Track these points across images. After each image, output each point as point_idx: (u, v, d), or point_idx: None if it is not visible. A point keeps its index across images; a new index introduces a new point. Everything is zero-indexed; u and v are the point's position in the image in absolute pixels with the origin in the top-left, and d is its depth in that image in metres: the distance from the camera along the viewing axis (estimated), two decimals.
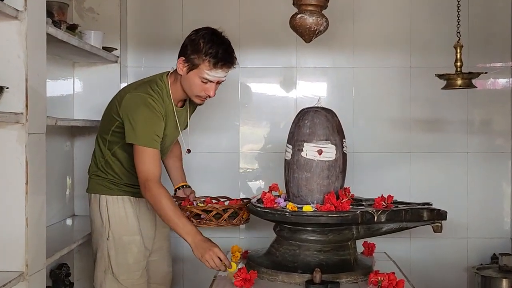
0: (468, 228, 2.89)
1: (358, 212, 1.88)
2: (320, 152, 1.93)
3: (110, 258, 2.09)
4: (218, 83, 2.05)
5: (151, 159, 1.96)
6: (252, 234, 2.89)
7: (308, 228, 1.92)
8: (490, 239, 2.88)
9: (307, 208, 1.89)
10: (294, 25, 2.06)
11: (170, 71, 2.13)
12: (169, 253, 2.34)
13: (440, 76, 2.33)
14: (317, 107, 2.01)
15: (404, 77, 2.90)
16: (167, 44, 2.90)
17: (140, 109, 1.98)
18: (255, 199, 2.09)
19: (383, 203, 1.97)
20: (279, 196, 2.06)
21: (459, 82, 2.27)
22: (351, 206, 1.93)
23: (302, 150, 1.95)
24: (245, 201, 2.26)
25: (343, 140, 2.00)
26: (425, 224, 2.00)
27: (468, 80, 2.28)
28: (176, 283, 2.90)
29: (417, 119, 2.91)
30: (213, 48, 1.98)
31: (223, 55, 1.99)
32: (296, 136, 1.98)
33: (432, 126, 2.92)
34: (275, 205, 1.96)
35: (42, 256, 1.84)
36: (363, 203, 2.04)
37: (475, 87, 2.39)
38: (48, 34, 1.92)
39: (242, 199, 2.31)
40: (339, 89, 2.95)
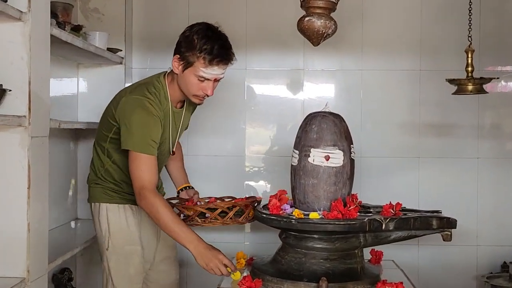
0: (478, 236, 2.84)
1: (365, 220, 1.84)
2: (327, 158, 1.89)
3: (110, 269, 2.03)
4: (216, 81, 1.96)
5: (147, 166, 1.87)
6: (258, 239, 2.86)
7: (314, 236, 1.88)
8: (501, 247, 2.83)
9: (313, 215, 1.86)
10: (302, 28, 2.01)
11: (167, 71, 2.05)
12: (176, 261, 2.28)
13: (451, 81, 2.28)
14: (325, 112, 1.96)
15: (413, 81, 2.86)
16: (172, 45, 2.81)
17: (136, 113, 1.89)
18: (261, 206, 2.05)
19: (391, 211, 1.93)
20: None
21: (470, 87, 2.23)
22: (358, 214, 1.89)
23: (309, 156, 1.91)
24: (250, 199, 2.21)
25: (351, 145, 1.96)
26: (434, 233, 1.97)
27: (479, 85, 2.24)
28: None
29: (427, 123, 2.86)
30: (208, 43, 1.89)
31: (219, 51, 1.90)
32: (303, 141, 1.94)
33: (442, 130, 2.87)
34: (281, 211, 1.92)
35: (44, 262, 1.81)
36: (371, 210, 1.99)
37: (486, 92, 2.34)
38: (52, 36, 1.90)
39: (247, 197, 2.27)
40: (347, 92, 2.91)
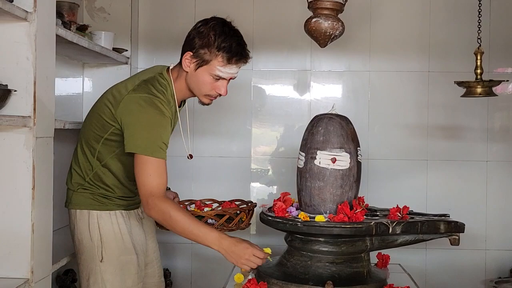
0: (486, 240, 2.81)
1: (372, 224, 1.82)
2: (333, 160, 1.87)
3: (105, 283, 1.84)
4: (229, 79, 1.86)
5: (156, 170, 1.72)
6: (263, 242, 2.83)
7: (320, 239, 1.86)
8: (510, 251, 2.79)
9: (319, 218, 1.84)
10: (309, 29, 1.99)
11: (170, 67, 1.91)
12: (160, 263, 2.12)
13: (460, 84, 2.25)
14: (331, 114, 1.94)
15: (422, 82, 2.83)
16: (178, 45, 2.81)
17: (146, 113, 1.74)
18: (266, 207, 2.03)
19: (398, 214, 1.90)
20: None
21: (479, 90, 2.20)
22: (365, 217, 1.87)
23: (315, 158, 1.89)
24: (240, 204, 2.14)
25: (358, 148, 1.94)
26: (442, 237, 1.94)
27: (489, 88, 2.21)
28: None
29: (435, 126, 2.83)
30: (227, 41, 1.77)
31: (237, 49, 1.79)
32: (309, 144, 1.92)
33: (450, 133, 2.84)
34: (287, 214, 1.90)
35: (48, 263, 1.81)
36: (378, 213, 1.97)
37: (496, 95, 2.31)
38: (57, 36, 1.89)
39: (234, 201, 2.17)
40: (355, 93, 2.88)
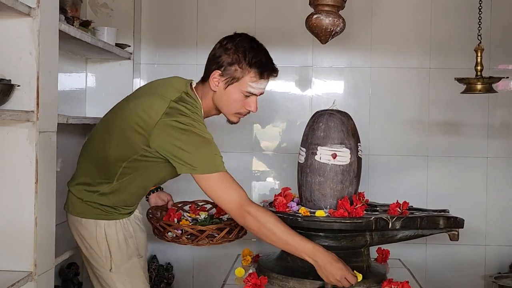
0: (486, 235, 2.82)
1: (372, 219, 1.83)
2: (334, 156, 1.88)
3: None
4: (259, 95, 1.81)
5: (227, 183, 1.71)
6: None
7: (320, 234, 1.88)
8: (509, 247, 2.80)
9: (319, 213, 1.85)
10: (310, 26, 2.00)
11: (193, 84, 1.82)
12: (146, 263, 2.03)
13: (460, 80, 2.26)
14: (332, 110, 1.96)
15: (422, 79, 2.83)
16: (181, 41, 2.87)
17: (189, 134, 1.67)
18: (267, 203, 2.05)
19: (398, 210, 1.91)
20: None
21: (479, 86, 2.21)
22: (365, 212, 1.88)
23: (316, 154, 1.90)
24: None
25: (358, 144, 1.95)
26: (441, 232, 1.96)
27: (489, 84, 2.21)
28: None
29: (436, 122, 2.84)
30: (257, 56, 1.75)
31: (268, 63, 1.78)
32: (310, 139, 1.93)
33: (451, 129, 2.84)
34: (287, 209, 1.92)
35: (51, 256, 1.82)
36: (378, 208, 1.98)
37: (496, 92, 2.31)
38: (60, 31, 1.90)
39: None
40: (356, 89, 2.89)
